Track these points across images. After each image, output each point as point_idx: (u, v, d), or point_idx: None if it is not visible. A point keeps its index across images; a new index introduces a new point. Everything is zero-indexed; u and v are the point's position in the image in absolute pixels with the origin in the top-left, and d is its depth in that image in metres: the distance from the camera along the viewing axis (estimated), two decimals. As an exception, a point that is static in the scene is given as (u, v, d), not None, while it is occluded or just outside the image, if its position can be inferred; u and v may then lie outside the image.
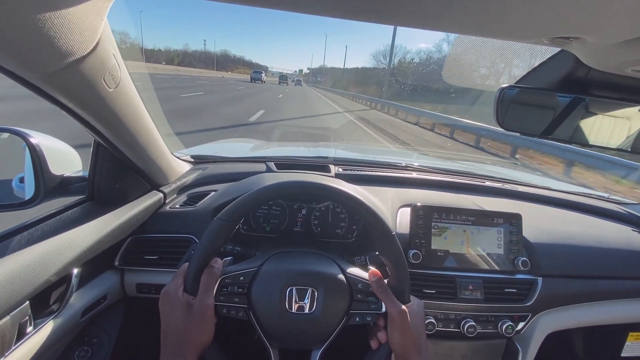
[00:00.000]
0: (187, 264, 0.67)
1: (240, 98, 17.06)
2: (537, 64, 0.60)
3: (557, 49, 0.56)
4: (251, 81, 45.04)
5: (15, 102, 6.61)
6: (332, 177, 1.16)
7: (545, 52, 0.60)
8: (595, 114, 0.60)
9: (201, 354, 0.62)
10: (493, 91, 0.62)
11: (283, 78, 59.39)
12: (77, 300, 0.73)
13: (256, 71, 52.32)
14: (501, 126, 0.62)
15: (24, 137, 0.74)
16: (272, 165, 1.18)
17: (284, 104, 16.39)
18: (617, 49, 0.41)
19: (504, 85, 0.60)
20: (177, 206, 0.96)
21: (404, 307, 0.65)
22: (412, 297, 0.69)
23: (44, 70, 0.42)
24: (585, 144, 0.61)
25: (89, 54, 0.45)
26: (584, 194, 1.37)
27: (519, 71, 0.61)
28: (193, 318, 0.61)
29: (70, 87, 0.49)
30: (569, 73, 0.54)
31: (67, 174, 0.79)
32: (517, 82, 0.60)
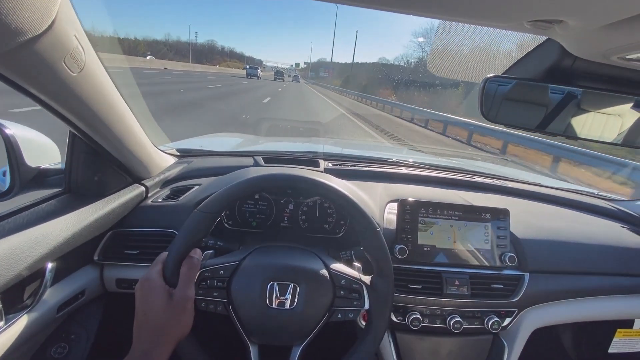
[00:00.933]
0: (165, 253, 0.65)
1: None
2: (523, 54, 0.59)
3: (543, 39, 0.55)
4: (247, 77, 44.68)
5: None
6: (321, 172, 1.15)
7: (530, 42, 0.59)
8: (581, 105, 0.58)
9: (176, 346, 0.60)
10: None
11: (279, 74, 57.20)
12: (53, 295, 0.71)
13: (252, 67, 52.00)
14: (486, 118, 0.60)
15: None
16: (260, 159, 1.16)
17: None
18: (600, 34, 0.39)
19: (488, 76, 0.58)
20: (159, 200, 0.94)
21: None
22: None
23: None
24: (570, 136, 0.60)
25: (43, 33, 0.43)
26: (573, 190, 1.36)
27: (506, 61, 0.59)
28: (173, 308, 0.59)
29: (26, 70, 0.47)
30: (555, 63, 0.53)
31: (44, 165, 0.77)
32: (503, 73, 0.59)
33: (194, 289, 0.62)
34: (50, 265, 0.67)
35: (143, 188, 0.91)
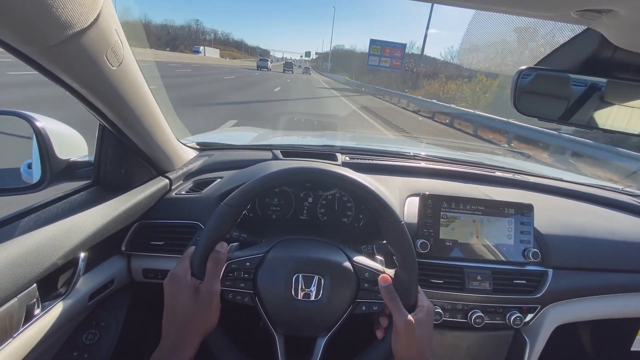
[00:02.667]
0: (193, 247, 0.66)
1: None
2: (557, 46, 0.57)
3: (580, 29, 0.53)
4: (257, 69, 46.29)
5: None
6: (339, 165, 1.15)
7: (565, 32, 0.57)
8: (619, 98, 0.57)
9: (205, 338, 0.62)
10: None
11: (288, 66, 56.22)
12: (85, 283, 0.74)
13: (262, 59, 53.70)
14: (518, 110, 0.59)
15: (29, 120, 0.73)
16: (278, 153, 1.17)
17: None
18: None
19: (522, 67, 0.57)
20: (183, 192, 0.96)
21: (410, 317, 0.62)
22: (423, 301, 0.67)
23: (43, 43, 0.40)
24: (606, 129, 0.58)
25: (89, 26, 0.43)
26: (597, 185, 1.33)
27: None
28: (199, 302, 0.60)
29: (71, 63, 0.48)
30: (593, 54, 0.51)
31: (73, 158, 0.79)
32: (537, 64, 0.57)
33: (219, 284, 0.63)
34: (82, 254, 0.70)
35: (167, 181, 0.93)
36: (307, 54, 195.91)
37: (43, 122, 0.74)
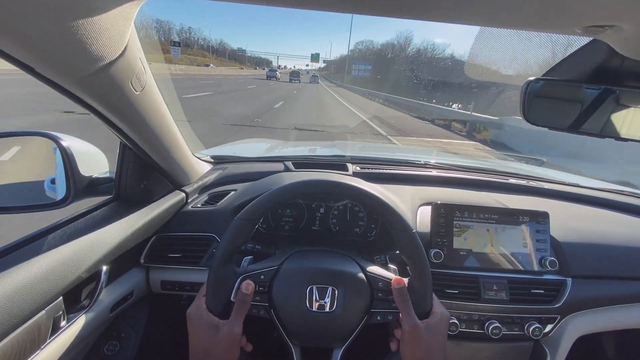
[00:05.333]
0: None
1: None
2: (566, 55, 0.58)
3: (588, 39, 0.53)
4: (267, 78, 48.79)
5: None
6: (350, 175, 1.16)
7: (573, 43, 0.57)
8: (628, 106, 0.56)
9: None
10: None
11: (295, 75, 57.15)
12: (106, 296, 0.76)
13: (271, 69, 57.36)
14: (527, 120, 0.59)
15: (55, 140, 0.77)
16: (289, 164, 1.19)
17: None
18: None
19: (530, 78, 0.57)
20: (198, 205, 0.98)
21: (419, 323, 0.62)
22: (437, 307, 0.67)
23: (77, 75, 0.43)
24: (616, 137, 0.58)
25: (117, 58, 0.46)
26: (615, 190, 1.30)
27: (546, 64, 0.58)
28: (219, 341, 0.60)
29: (100, 91, 0.51)
30: (601, 64, 0.51)
31: (95, 175, 0.82)
32: (544, 75, 0.58)
33: (241, 326, 0.62)
34: (105, 268, 0.72)
35: (183, 194, 0.96)
36: (315, 56, 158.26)
37: (68, 141, 0.78)
